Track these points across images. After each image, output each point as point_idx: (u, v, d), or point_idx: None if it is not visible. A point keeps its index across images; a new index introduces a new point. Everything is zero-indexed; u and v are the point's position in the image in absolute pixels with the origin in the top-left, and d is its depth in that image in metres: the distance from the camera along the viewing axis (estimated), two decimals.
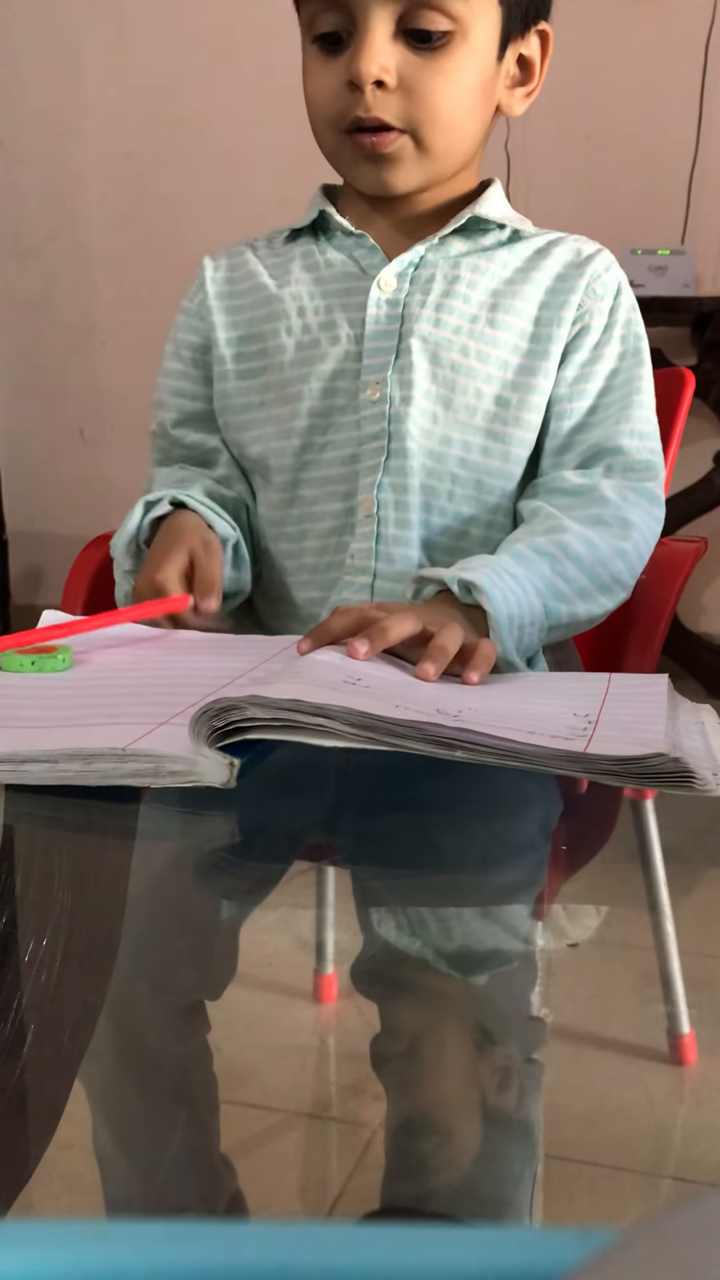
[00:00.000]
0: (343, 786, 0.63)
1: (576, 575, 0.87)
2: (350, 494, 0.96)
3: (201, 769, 0.56)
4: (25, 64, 3.33)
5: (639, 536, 0.92)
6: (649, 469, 0.95)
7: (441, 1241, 0.21)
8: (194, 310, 1.04)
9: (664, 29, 2.88)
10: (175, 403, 1.04)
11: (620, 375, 0.97)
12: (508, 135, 2.84)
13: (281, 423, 0.98)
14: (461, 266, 0.98)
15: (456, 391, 0.95)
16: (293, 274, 1.00)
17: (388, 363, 0.95)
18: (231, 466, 1.03)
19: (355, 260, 1.00)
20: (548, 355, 0.96)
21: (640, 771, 0.53)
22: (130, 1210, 0.32)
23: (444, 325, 0.96)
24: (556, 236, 1.01)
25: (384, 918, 0.51)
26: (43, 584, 3.42)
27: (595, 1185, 0.33)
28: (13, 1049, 0.37)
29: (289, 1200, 0.32)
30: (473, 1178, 0.34)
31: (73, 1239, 0.21)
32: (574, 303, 0.97)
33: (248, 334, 1.01)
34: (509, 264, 0.98)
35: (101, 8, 3.26)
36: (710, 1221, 0.19)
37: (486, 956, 0.47)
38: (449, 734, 0.54)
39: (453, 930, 0.49)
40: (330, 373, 0.97)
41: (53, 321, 3.38)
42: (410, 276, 0.98)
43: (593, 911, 0.52)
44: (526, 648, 0.83)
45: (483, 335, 0.96)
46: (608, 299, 0.98)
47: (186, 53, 3.21)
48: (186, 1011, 0.43)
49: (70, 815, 0.57)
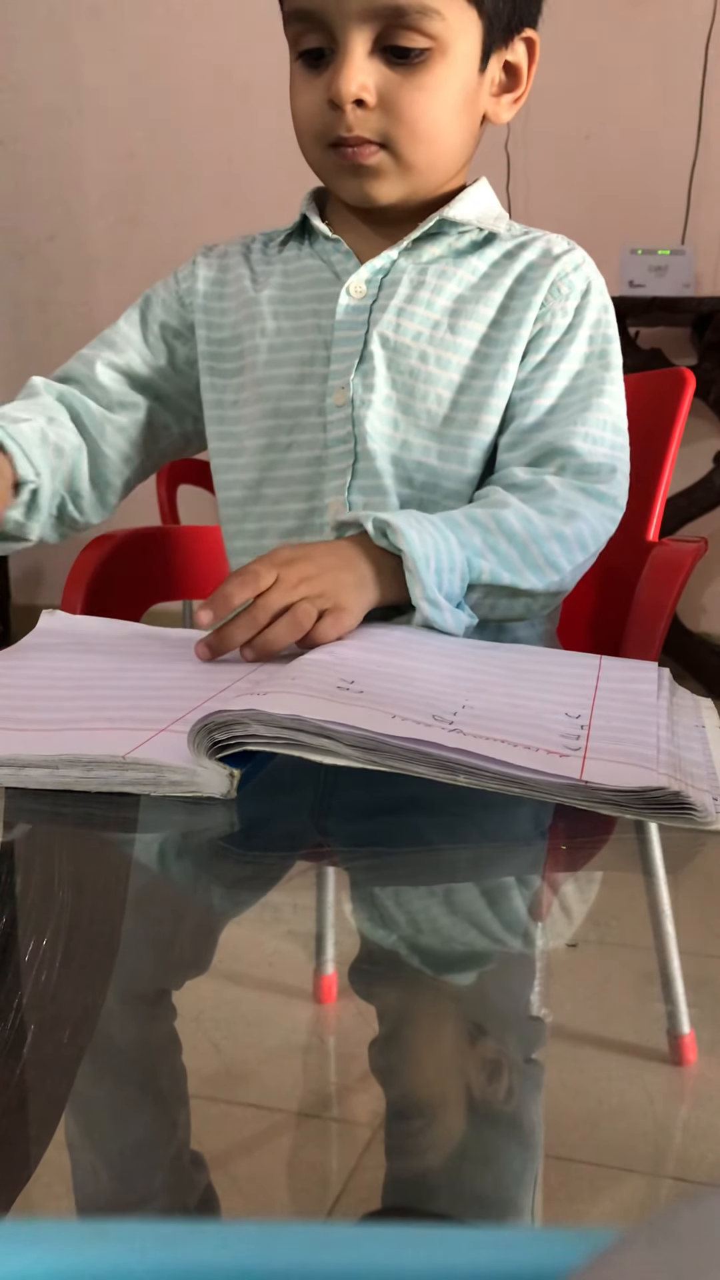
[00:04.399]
0: (341, 784, 0.63)
1: (507, 549, 0.87)
2: (313, 495, 0.97)
3: (201, 779, 0.56)
4: (25, 64, 3.33)
5: (584, 527, 0.91)
6: (600, 470, 0.94)
7: (441, 1241, 0.21)
8: (179, 294, 1.05)
9: (664, 29, 2.88)
10: (125, 355, 1.04)
11: (584, 376, 0.97)
12: (508, 135, 2.84)
13: (250, 421, 0.99)
14: (428, 272, 0.98)
15: (415, 397, 0.95)
16: (273, 278, 1.01)
17: (351, 367, 0.96)
18: (133, 429, 1.03)
19: (330, 265, 1.00)
20: (507, 357, 0.96)
21: (640, 802, 0.53)
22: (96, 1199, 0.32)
23: (404, 331, 0.96)
24: (530, 237, 1.00)
25: (380, 918, 0.51)
26: (43, 584, 3.42)
27: (595, 1185, 0.33)
28: (13, 1049, 0.37)
29: (289, 1200, 0.32)
30: (473, 1178, 0.34)
31: (73, 1239, 0.21)
32: (536, 303, 0.96)
33: (229, 336, 1.02)
34: (476, 269, 0.98)
35: (102, 8, 3.26)
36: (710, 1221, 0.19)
37: (484, 956, 0.47)
38: (450, 756, 0.55)
39: (451, 930, 0.49)
40: (299, 375, 0.97)
41: (53, 321, 3.38)
42: (379, 282, 0.98)
43: (592, 911, 0.52)
44: (450, 594, 0.83)
45: (443, 341, 0.96)
46: (573, 299, 0.97)
47: (187, 53, 3.21)
48: (150, 999, 0.43)
49: (69, 810, 0.57)
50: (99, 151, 3.32)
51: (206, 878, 0.54)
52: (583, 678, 0.72)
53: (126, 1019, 0.42)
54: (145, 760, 0.56)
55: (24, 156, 3.36)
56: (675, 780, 0.54)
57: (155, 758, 0.56)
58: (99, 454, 1.01)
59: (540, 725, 0.61)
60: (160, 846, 0.56)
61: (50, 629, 0.85)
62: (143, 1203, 0.32)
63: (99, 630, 0.86)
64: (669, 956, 0.46)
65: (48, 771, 0.57)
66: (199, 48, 3.17)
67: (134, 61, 3.24)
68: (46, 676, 0.73)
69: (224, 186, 3.20)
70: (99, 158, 3.32)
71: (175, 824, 0.56)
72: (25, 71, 3.31)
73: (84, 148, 3.32)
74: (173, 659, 0.78)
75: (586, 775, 0.54)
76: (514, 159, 2.89)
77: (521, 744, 0.57)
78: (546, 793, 0.55)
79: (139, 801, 0.57)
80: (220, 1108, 0.36)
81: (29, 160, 3.36)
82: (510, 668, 0.74)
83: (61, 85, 3.29)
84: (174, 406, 1.06)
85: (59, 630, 0.85)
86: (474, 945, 0.48)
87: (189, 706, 0.64)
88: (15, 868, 0.54)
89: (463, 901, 0.52)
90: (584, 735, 0.60)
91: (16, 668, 0.75)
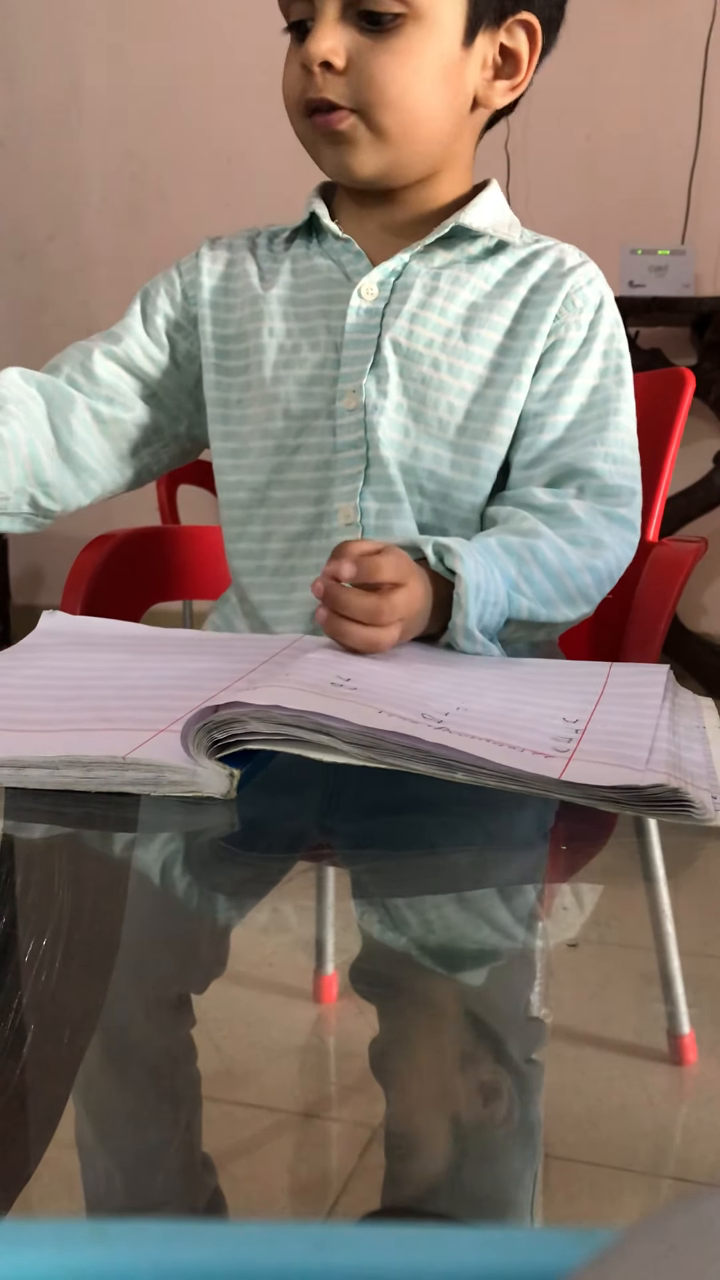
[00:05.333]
0: (342, 784, 0.63)
1: (542, 580, 0.87)
2: (322, 499, 0.96)
3: (201, 779, 0.56)
4: (25, 64, 3.33)
5: (611, 556, 0.91)
6: (620, 494, 0.94)
7: (441, 1241, 0.21)
8: (181, 287, 1.04)
9: (664, 29, 2.88)
10: (124, 345, 1.02)
11: (600, 393, 0.96)
12: (508, 135, 2.84)
13: (258, 422, 0.98)
14: (442, 278, 0.97)
15: (427, 405, 0.95)
16: (281, 277, 1.00)
17: (364, 371, 0.95)
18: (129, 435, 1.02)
19: (340, 265, 0.99)
20: (521, 369, 0.95)
21: (639, 799, 0.54)
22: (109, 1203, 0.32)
23: (416, 338, 0.95)
24: (543, 246, 1.00)
25: (381, 918, 0.51)
26: (43, 584, 3.43)
27: (595, 1185, 0.33)
28: (13, 1049, 0.37)
29: (289, 1200, 0.32)
30: (473, 1178, 0.34)
31: (73, 1239, 0.21)
32: (550, 315, 0.96)
33: (235, 333, 1.01)
34: (490, 276, 0.98)
35: (102, 8, 3.26)
36: (710, 1221, 0.19)
37: (484, 956, 0.47)
38: (448, 756, 0.55)
39: (451, 930, 0.49)
40: (309, 377, 0.96)
41: (53, 321, 3.38)
42: (391, 285, 0.97)
43: (592, 911, 0.52)
44: (486, 626, 0.83)
45: (455, 349, 0.95)
46: (588, 312, 0.97)
47: (187, 53, 3.21)
48: (171, 1005, 0.43)
49: (69, 810, 0.57)
50: (99, 151, 3.32)
51: (206, 878, 0.54)
52: (588, 684, 0.72)
53: (126, 1019, 0.42)
54: (145, 760, 0.56)
55: (24, 156, 3.36)
56: (674, 778, 0.54)
57: (155, 758, 0.56)
58: (68, 437, 0.98)
59: (532, 728, 0.61)
60: (160, 846, 0.56)
61: (50, 629, 0.85)
62: (154, 1207, 0.32)
63: (99, 630, 0.86)
64: (669, 957, 0.46)
65: (48, 772, 0.57)
66: (199, 48, 3.17)
67: (134, 61, 3.24)
68: (46, 677, 0.73)
69: (224, 186, 3.20)
70: (99, 158, 3.32)
71: (175, 824, 0.56)
72: (25, 71, 3.31)
73: (84, 148, 3.32)
74: (172, 659, 0.78)
75: (567, 775, 0.54)
76: (514, 159, 2.89)
77: (507, 744, 0.57)
78: (544, 789, 0.55)
79: (139, 801, 0.57)
80: (220, 1108, 0.36)
81: (29, 160, 3.36)
82: (517, 676, 0.75)
83: (61, 85, 3.29)
84: (171, 403, 1.04)
85: (59, 631, 0.85)
86: (475, 945, 0.48)
87: (189, 706, 0.64)
88: (15, 868, 0.54)
89: (464, 902, 0.52)
90: (577, 738, 0.60)
91: (16, 668, 0.75)
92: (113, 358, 1.02)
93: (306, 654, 0.71)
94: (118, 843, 0.57)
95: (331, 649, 0.73)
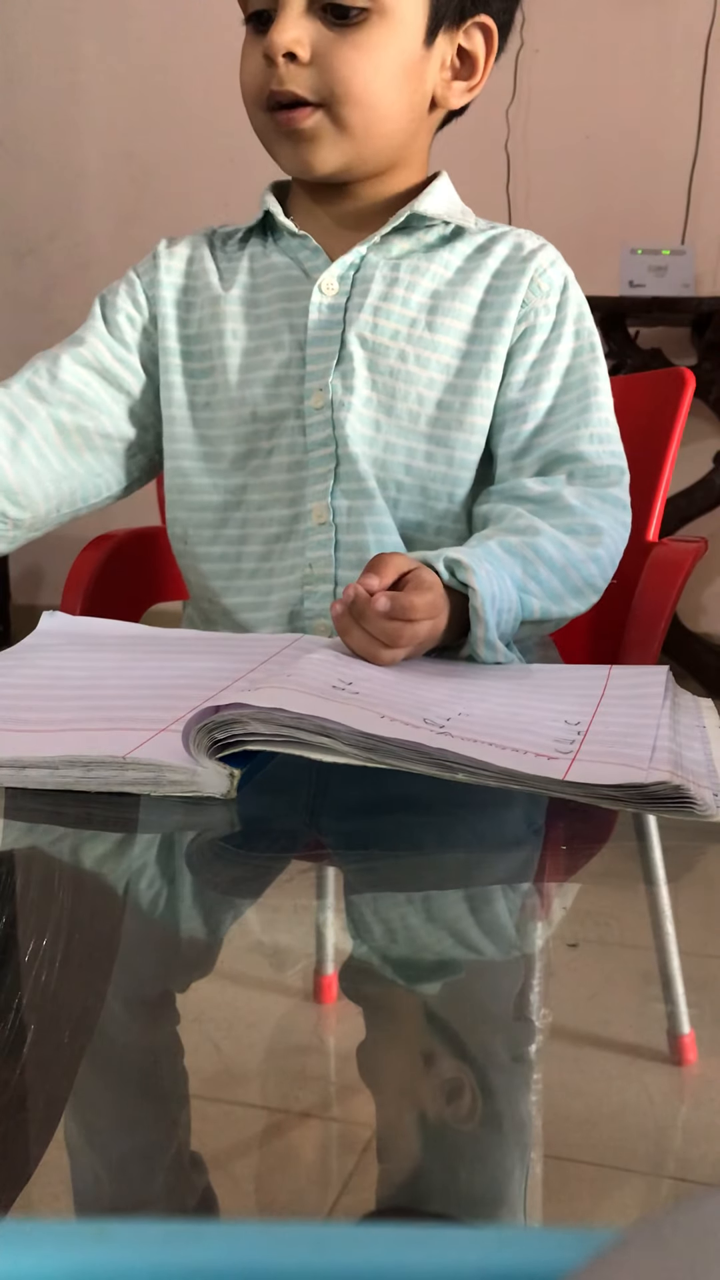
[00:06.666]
0: (343, 785, 0.63)
1: (548, 577, 0.86)
2: (296, 500, 0.95)
3: (201, 779, 0.56)
4: (25, 64, 3.33)
5: (609, 541, 0.91)
6: (610, 474, 0.94)
7: (441, 1241, 0.21)
8: (141, 288, 1.02)
9: (664, 29, 2.87)
10: (93, 349, 0.99)
11: (576, 373, 0.96)
12: (508, 135, 2.84)
13: (229, 426, 0.97)
14: (401, 268, 0.97)
15: (397, 398, 0.94)
16: (239, 277, 0.99)
17: (329, 368, 0.94)
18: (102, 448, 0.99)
19: (298, 262, 0.99)
20: (490, 356, 0.95)
21: (641, 797, 0.54)
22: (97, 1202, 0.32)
23: (381, 330, 0.95)
24: (499, 232, 1.00)
25: (379, 919, 0.51)
26: (43, 584, 3.42)
27: (595, 1185, 0.33)
28: (13, 1049, 0.37)
29: (289, 1200, 0.32)
30: (463, 1177, 0.34)
31: (73, 1239, 0.21)
32: (516, 301, 0.96)
33: (197, 333, 1.00)
34: (450, 264, 0.97)
35: (102, 8, 3.25)
36: (710, 1221, 0.19)
37: (484, 957, 0.47)
38: (450, 758, 0.55)
39: (445, 931, 0.49)
40: (274, 378, 0.96)
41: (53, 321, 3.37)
42: (351, 279, 0.97)
43: (592, 911, 0.52)
44: (504, 634, 0.82)
45: (421, 340, 0.95)
46: (554, 295, 0.97)
47: (187, 53, 3.21)
48: (171, 1004, 0.43)
49: (69, 810, 0.57)
50: (99, 151, 3.31)
51: (206, 878, 0.54)
52: (589, 688, 0.72)
53: (127, 1020, 0.42)
54: (145, 760, 0.56)
55: (24, 156, 3.36)
56: (676, 775, 0.54)
57: (155, 758, 0.56)
58: (22, 448, 0.94)
59: (535, 731, 0.61)
60: (160, 846, 0.56)
61: (50, 630, 0.85)
62: (142, 1205, 0.32)
63: (99, 631, 0.86)
64: (669, 957, 0.46)
65: (48, 771, 0.57)
66: (199, 48, 3.17)
67: (134, 61, 3.24)
68: (46, 677, 0.73)
69: (224, 187, 3.19)
70: (99, 158, 3.32)
71: (175, 824, 0.56)
72: (25, 71, 3.31)
73: (84, 148, 3.32)
74: (173, 659, 0.78)
75: (570, 775, 0.54)
76: (514, 159, 2.89)
77: (510, 748, 0.57)
78: (545, 788, 0.55)
79: (139, 801, 0.57)
80: (220, 1108, 0.36)
81: (29, 160, 3.36)
82: (518, 681, 0.75)
83: (61, 85, 3.29)
84: (141, 409, 1.00)
85: (59, 631, 0.85)
86: (474, 946, 0.48)
87: (189, 706, 0.64)
88: (15, 868, 0.54)
89: (462, 902, 0.52)
90: (579, 740, 0.60)
91: (16, 668, 0.75)
92: (80, 361, 0.98)
93: (308, 654, 0.71)
94: (118, 843, 0.57)
95: (333, 650, 0.73)
